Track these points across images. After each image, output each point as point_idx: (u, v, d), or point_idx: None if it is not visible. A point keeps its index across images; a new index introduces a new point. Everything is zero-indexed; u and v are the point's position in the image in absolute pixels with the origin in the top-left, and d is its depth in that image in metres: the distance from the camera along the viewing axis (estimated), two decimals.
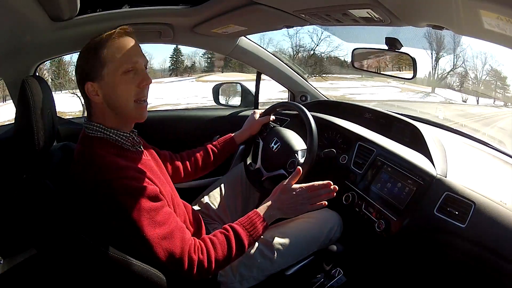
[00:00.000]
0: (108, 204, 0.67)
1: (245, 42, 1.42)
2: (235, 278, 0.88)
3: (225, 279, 0.88)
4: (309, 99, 1.61)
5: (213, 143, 1.16)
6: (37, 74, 1.20)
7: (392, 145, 1.01)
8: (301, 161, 1.03)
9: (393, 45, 0.95)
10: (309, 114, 1.07)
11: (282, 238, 0.93)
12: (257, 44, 1.46)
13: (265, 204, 0.84)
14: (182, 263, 0.69)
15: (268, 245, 0.92)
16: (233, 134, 1.19)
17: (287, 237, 0.94)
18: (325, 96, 1.65)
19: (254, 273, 0.90)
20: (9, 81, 1.10)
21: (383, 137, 1.08)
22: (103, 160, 0.70)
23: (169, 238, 0.69)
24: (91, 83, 0.73)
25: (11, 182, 0.88)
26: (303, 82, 1.61)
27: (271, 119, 1.22)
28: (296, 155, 1.05)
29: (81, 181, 0.69)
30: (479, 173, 0.93)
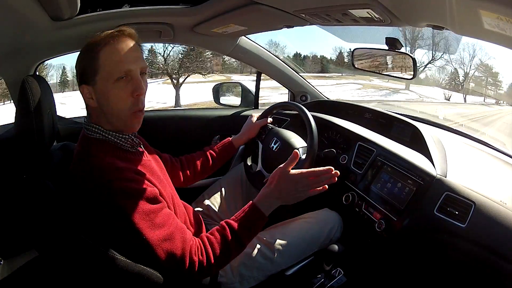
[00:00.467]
0: (107, 206, 0.66)
1: (245, 42, 1.42)
2: (235, 278, 0.88)
3: (225, 279, 0.88)
4: (309, 99, 1.61)
5: (212, 147, 1.15)
6: (37, 73, 1.20)
7: (392, 145, 1.01)
8: (303, 157, 1.03)
9: (393, 45, 0.96)
10: (309, 113, 1.08)
11: (282, 238, 0.93)
12: (257, 44, 1.47)
13: (263, 194, 0.80)
14: (183, 264, 0.69)
15: (268, 246, 0.92)
16: (232, 138, 1.18)
17: (287, 237, 0.94)
18: (325, 96, 1.65)
19: (254, 273, 0.90)
20: (9, 81, 1.10)
21: (383, 137, 1.08)
22: (101, 162, 0.69)
23: (170, 239, 0.69)
24: (86, 86, 0.72)
25: (11, 182, 0.88)
26: (303, 82, 1.61)
27: (268, 121, 1.21)
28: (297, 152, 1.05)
29: (80, 182, 0.69)
30: (479, 173, 0.92)
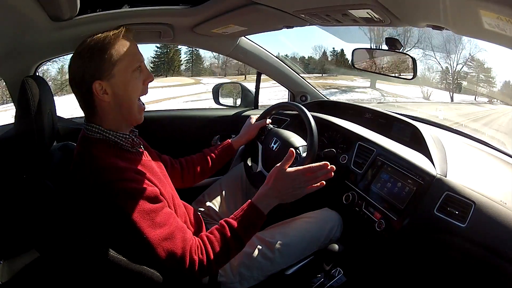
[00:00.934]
0: (107, 206, 0.66)
1: (245, 42, 1.42)
2: (235, 278, 0.88)
3: (225, 279, 0.88)
4: (309, 99, 1.61)
5: (211, 149, 1.15)
6: (37, 74, 1.20)
7: (392, 145, 1.01)
8: (303, 156, 1.03)
9: (393, 45, 0.96)
10: (309, 113, 1.08)
11: (282, 238, 0.93)
12: (257, 44, 1.47)
13: (261, 193, 0.81)
14: (183, 263, 0.69)
15: (268, 245, 0.92)
16: (231, 140, 1.18)
17: (287, 237, 0.94)
18: (325, 96, 1.65)
19: (254, 273, 0.90)
20: (9, 81, 1.10)
21: (383, 137, 1.08)
22: (102, 162, 0.69)
23: (170, 238, 0.69)
24: (99, 81, 0.72)
25: (11, 182, 0.88)
26: (303, 82, 1.61)
27: (267, 122, 1.21)
28: (297, 150, 1.05)
29: (80, 182, 0.69)
30: (479, 173, 0.92)
